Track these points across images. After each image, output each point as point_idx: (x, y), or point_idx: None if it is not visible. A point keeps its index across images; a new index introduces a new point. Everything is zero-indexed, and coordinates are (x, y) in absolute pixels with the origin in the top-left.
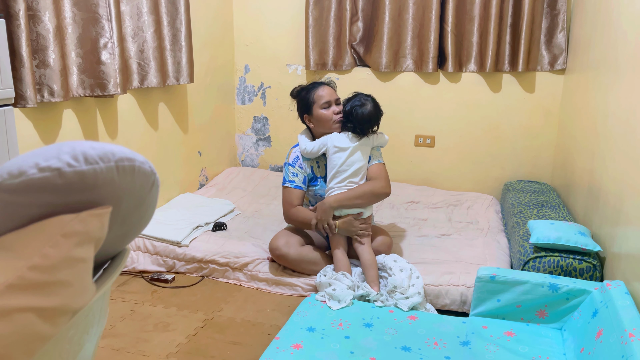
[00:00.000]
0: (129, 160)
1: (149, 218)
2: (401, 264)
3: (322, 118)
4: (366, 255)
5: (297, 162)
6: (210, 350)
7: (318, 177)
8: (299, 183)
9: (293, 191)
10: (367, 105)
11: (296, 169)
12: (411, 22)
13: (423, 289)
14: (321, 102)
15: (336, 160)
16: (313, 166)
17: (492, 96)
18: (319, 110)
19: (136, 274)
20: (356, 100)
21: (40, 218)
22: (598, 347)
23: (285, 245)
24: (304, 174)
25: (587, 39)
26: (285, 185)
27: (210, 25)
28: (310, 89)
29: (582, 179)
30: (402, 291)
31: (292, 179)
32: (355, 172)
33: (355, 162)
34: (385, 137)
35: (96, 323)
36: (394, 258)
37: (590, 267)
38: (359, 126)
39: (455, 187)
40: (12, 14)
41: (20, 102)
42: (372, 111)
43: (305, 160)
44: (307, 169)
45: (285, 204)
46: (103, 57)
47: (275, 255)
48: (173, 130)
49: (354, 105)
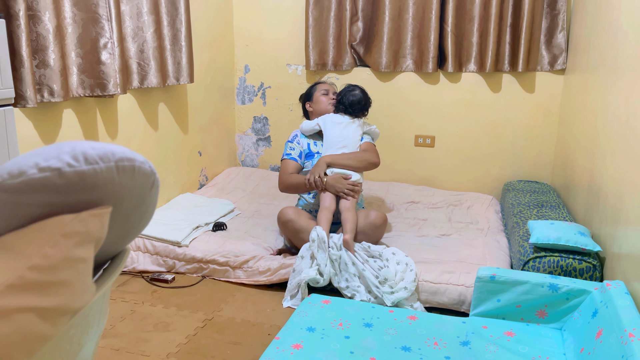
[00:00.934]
0: (129, 160)
1: (149, 218)
2: (399, 257)
3: (319, 100)
4: (347, 213)
5: (296, 139)
6: (210, 350)
7: (314, 152)
8: (295, 155)
9: (289, 162)
10: (356, 91)
11: (294, 144)
12: (411, 22)
13: (414, 285)
14: (321, 89)
15: (330, 132)
16: (310, 143)
17: (492, 96)
18: (319, 95)
19: (136, 274)
20: (347, 87)
21: (40, 218)
22: (598, 347)
23: (295, 213)
24: (300, 148)
25: (587, 39)
26: (282, 159)
27: (210, 25)
28: (314, 85)
29: (582, 179)
30: (391, 284)
31: (288, 152)
32: (348, 144)
33: (349, 136)
34: (374, 128)
35: (96, 323)
36: (392, 250)
37: (590, 267)
38: (349, 107)
39: (455, 187)
40: (12, 14)
41: (20, 102)
42: (360, 95)
43: (303, 137)
44: (304, 144)
45: (281, 173)
46: (103, 57)
47: (283, 220)
48: (173, 130)
49: (345, 91)
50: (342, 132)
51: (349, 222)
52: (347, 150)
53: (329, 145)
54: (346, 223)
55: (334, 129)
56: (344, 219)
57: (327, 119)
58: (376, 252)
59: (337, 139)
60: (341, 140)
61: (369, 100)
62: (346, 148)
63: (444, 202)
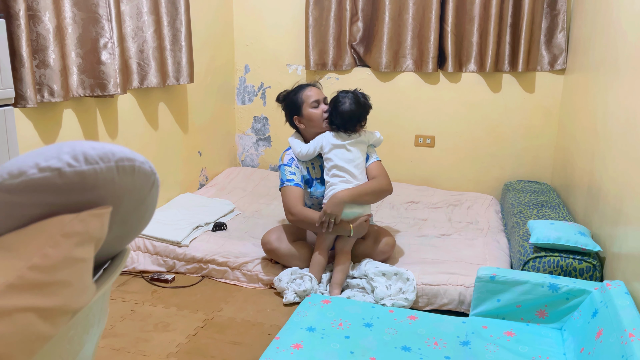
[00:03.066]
0: (129, 160)
1: (149, 218)
2: (383, 268)
3: (312, 117)
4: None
5: (293, 162)
6: (210, 350)
7: (313, 179)
8: (298, 181)
9: (293, 189)
10: (346, 103)
11: (293, 168)
12: (411, 22)
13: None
14: (310, 102)
15: (333, 157)
16: (308, 167)
17: (492, 96)
18: (308, 109)
19: (136, 274)
20: (336, 99)
21: (40, 218)
22: (598, 347)
23: (276, 240)
24: (301, 173)
25: (587, 39)
26: (284, 186)
27: (210, 25)
28: (298, 91)
29: (582, 179)
30: (385, 302)
31: (290, 177)
32: (355, 168)
33: (354, 159)
34: (379, 136)
35: (96, 323)
36: (376, 265)
37: (590, 267)
38: (343, 125)
39: (455, 187)
40: (12, 14)
41: (20, 102)
42: (352, 108)
43: (300, 162)
44: (303, 170)
45: (286, 204)
46: (103, 57)
47: (266, 249)
48: (173, 130)
49: (335, 106)
50: (347, 155)
51: (340, 273)
52: (356, 175)
53: (333, 173)
54: (338, 273)
55: (337, 153)
56: (338, 264)
57: (325, 142)
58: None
59: (341, 163)
60: (347, 165)
61: (366, 107)
62: (354, 174)
63: (444, 202)
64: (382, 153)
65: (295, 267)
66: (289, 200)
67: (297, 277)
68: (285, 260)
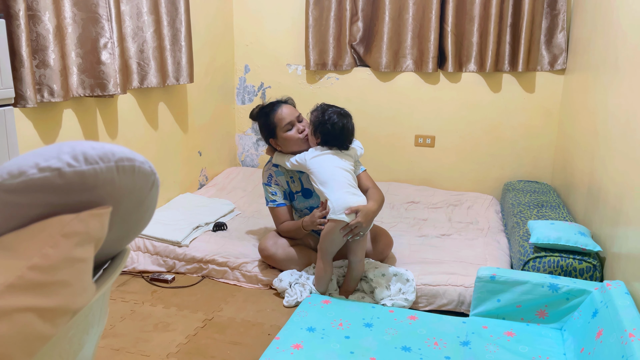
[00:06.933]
0: (129, 160)
1: (149, 218)
2: (383, 269)
3: (288, 140)
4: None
5: (272, 180)
6: (210, 350)
7: (294, 192)
8: (281, 200)
9: (277, 210)
10: (338, 123)
11: (272, 187)
12: (411, 22)
13: (414, 295)
14: (283, 125)
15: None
16: (288, 181)
17: (492, 96)
18: (282, 133)
19: (136, 274)
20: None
21: (40, 218)
22: (598, 347)
23: (273, 246)
24: (282, 189)
25: (587, 39)
26: (269, 206)
27: (210, 25)
28: (269, 113)
29: (582, 179)
30: (385, 302)
31: (272, 198)
32: (353, 179)
33: (346, 166)
34: (361, 147)
35: (96, 323)
36: (375, 265)
37: (590, 267)
38: (337, 143)
39: (455, 187)
40: (12, 14)
41: (20, 102)
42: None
43: (279, 175)
44: (283, 183)
45: (275, 224)
46: (103, 57)
47: (263, 255)
48: (173, 130)
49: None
50: (337, 167)
51: (354, 282)
52: (356, 186)
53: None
54: (351, 281)
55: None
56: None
57: (309, 160)
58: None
59: (340, 178)
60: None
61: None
62: (354, 184)
63: (444, 202)
64: (383, 153)
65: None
66: (275, 220)
67: (299, 285)
68: (284, 265)
